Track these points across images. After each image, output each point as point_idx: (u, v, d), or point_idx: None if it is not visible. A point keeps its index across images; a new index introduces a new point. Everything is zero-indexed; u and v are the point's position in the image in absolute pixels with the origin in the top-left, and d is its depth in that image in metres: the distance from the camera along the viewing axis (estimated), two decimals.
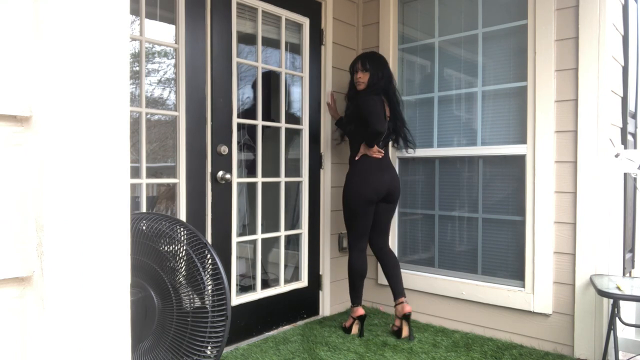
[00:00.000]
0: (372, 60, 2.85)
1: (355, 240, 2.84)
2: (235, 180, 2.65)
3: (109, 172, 0.62)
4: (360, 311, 2.84)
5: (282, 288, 2.97)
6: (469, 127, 2.97)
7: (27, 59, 0.57)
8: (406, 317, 2.75)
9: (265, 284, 2.97)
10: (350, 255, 2.86)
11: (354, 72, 2.89)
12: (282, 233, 2.98)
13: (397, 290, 2.82)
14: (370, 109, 2.69)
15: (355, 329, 2.86)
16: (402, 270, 3.01)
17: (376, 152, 2.80)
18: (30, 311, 0.58)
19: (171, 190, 2.62)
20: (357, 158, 2.81)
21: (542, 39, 2.59)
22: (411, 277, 3.11)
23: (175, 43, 2.40)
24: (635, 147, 3.06)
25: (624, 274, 2.70)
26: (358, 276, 2.86)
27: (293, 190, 3.19)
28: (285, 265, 3.06)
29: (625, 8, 2.74)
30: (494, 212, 2.86)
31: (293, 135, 3.14)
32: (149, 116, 2.69)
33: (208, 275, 1.61)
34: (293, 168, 3.12)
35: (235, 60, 2.63)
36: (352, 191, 2.78)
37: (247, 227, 3.09)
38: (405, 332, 2.77)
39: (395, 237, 3.25)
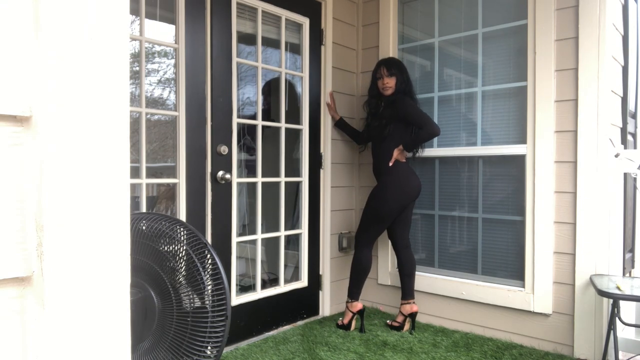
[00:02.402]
0: (396, 65, 2.91)
1: (369, 239, 2.91)
2: (235, 180, 2.65)
3: (109, 172, 0.62)
4: (360, 305, 2.90)
5: (282, 288, 2.97)
6: (468, 127, 2.97)
7: (27, 59, 0.57)
8: (412, 315, 2.89)
9: (265, 284, 2.97)
10: (362, 252, 2.90)
11: (378, 78, 2.92)
12: (282, 233, 2.98)
13: (411, 291, 2.93)
14: (421, 113, 2.80)
15: (354, 325, 2.89)
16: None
17: (404, 157, 2.88)
18: (30, 311, 0.58)
19: (171, 190, 2.63)
20: (391, 164, 2.84)
21: (542, 39, 2.59)
22: None
23: (175, 43, 2.40)
24: (635, 147, 3.06)
25: (624, 274, 2.70)
26: (365, 272, 2.92)
27: (293, 190, 3.19)
28: (285, 265, 3.06)
29: (625, 8, 2.74)
30: (494, 212, 2.86)
31: (293, 135, 3.14)
32: (149, 116, 2.69)
33: (208, 275, 1.61)
34: (293, 168, 3.12)
35: (235, 60, 2.63)
36: (392, 197, 2.82)
37: (247, 227, 3.09)
38: (406, 327, 2.89)
39: None
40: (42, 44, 0.57)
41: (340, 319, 2.97)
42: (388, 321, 2.97)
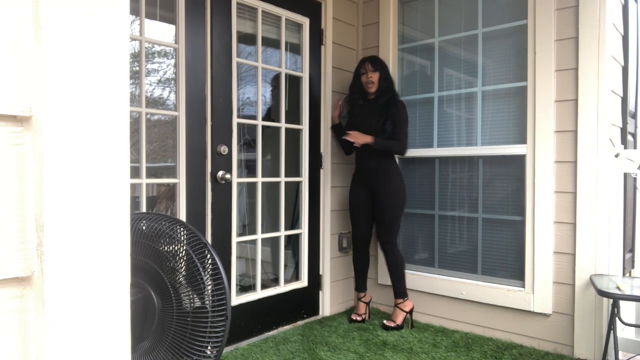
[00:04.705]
0: (379, 62, 2.98)
1: (397, 236, 3.00)
2: (235, 180, 2.65)
3: (109, 172, 0.62)
4: (412, 303, 2.97)
5: (282, 288, 2.97)
6: (468, 127, 2.97)
7: (27, 58, 0.57)
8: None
9: (265, 284, 2.97)
10: (399, 250, 2.97)
11: (362, 73, 2.96)
12: (282, 233, 2.98)
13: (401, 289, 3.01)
14: (406, 127, 2.93)
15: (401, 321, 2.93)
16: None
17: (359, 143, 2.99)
18: (30, 311, 0.58)
19: (171, 190, 2.62)
20: (347, 137, 2.91)
21: (542, 39, 2.59)
22: (411, 277, 3.11)
23: (175, 43, 2.40)
24: (635, 147, 3.06)
25: (624, 274, 2.69)
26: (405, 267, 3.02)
27: (293, 190, 3.19)
28: (285, 265, 3.06)
29: (625, 8, 2.74)
30: (494, 212, 2.86)
31: (293, 135, 3.13)
32: (149, 116, 2.68)
33: (208, 275, 1.61)
34: (293, 168, 3.12)
35: (235, 60, 2.63)
36: (405, 192, 2.96)
37: (247, 227, 3.09)
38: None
39: None
40: (42, 43, 0.57)
41: (386, 320, 2.93)
42: (385, 321, 2.96)
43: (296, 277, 3.15)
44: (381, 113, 2.89)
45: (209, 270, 1.62)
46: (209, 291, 1.60)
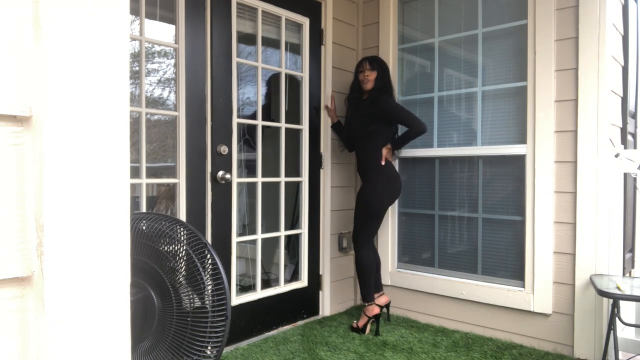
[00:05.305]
0: (377, 61, 2.96)
1: (367, 239, 2.92)
2: (235, 180, 2.65)
3: (109, 172, 0.62)
4: (377, 310, 2.88)
5: (282, 288, 2.97)
6: (468, 127, 2.97)
7: (27, 58, 0.57)
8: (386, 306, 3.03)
9: (265, 284, 2.97)
10: (362, 253, 2.88)
11: (359, 72, 2.96)
12: (282, 233, 2.98)
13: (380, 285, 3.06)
14: (407, 112, 2.84)
15: (369, 328, 2.86)
16: (402, 270, 3.20)
17: (391, 155, 2.95)
18: (30, 311, 0.58)
19: (171, 190, 2.62)
20: (383, 163, 2.86)
21: (542, 39, 2.59)
22: (411, 277, 3.11)
23: (175, 43, 2.40)
24: (635, 147, 3.06)
25: (624, 274, 2.69)
26: (371, 272, 2.91)
27: (293, 190, 3.19)
28: (285, 265, 3.06)
29: (625, 8, 2.74)
30: (494, 212, 2.86)
31: (293, 135, 3.13)
32: (149, 116, 2.68)
33: (208, 275, 1.61)
34: (293, 168, 3.12)
35: (235, 60, 2.63)
36: (382, 194, 2.86)
37: (247, 227, 3.09)
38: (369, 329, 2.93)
39: (395, 237, 3.25)
40: (42, 43, 0.57)
41: (355, 321, 2.94)
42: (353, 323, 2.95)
43: (296, 277, 3.15)
44: (363, 113, 2.90)
45: (209, 270, 1.62)
46: (209, 291, 1.60)
